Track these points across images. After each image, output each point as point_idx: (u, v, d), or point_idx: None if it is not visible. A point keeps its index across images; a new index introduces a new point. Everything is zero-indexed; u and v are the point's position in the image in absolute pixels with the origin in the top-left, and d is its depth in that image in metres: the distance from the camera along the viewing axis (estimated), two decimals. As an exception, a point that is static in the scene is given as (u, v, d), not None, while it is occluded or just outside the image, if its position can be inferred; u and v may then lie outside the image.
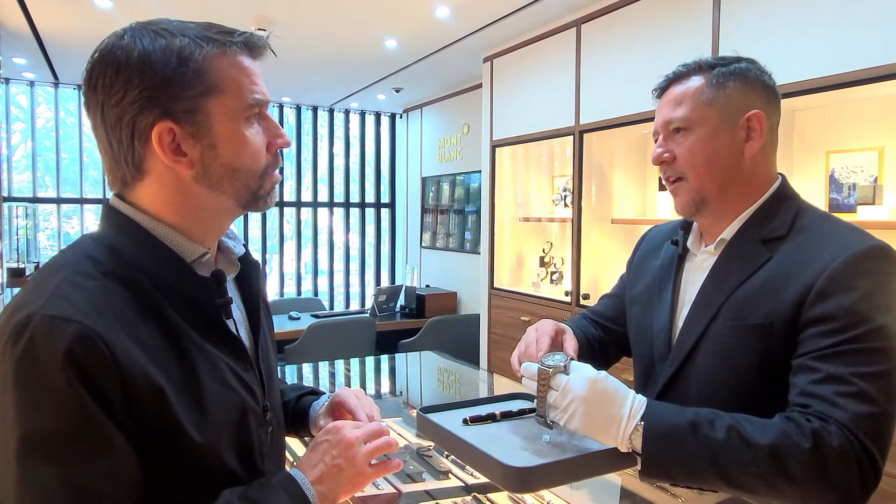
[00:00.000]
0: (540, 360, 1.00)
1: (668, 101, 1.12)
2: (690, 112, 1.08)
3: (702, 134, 1.07)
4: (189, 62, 0.74)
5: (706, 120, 1.07)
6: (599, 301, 1.45)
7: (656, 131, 1.15)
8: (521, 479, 0.91)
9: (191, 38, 0.75)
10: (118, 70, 0.73)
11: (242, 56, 0.79)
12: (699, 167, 1.08)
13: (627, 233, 3.49)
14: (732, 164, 1.07)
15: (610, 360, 1.37)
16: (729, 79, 1.08)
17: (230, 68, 0.77)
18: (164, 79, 0.73)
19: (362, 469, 0.83)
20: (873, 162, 2.39)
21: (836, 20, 2.27)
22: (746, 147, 1.07)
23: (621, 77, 3.22)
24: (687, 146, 1.09)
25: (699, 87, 1.09)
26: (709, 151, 1.07)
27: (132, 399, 0.68)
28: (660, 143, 1.13)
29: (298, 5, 3.52)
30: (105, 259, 0.74)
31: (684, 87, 1.10)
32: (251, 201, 0.82)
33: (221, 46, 0.76)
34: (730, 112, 1.07)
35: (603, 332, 1.36)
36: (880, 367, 0.90)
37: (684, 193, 1.11)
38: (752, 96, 1.07)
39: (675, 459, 0.89)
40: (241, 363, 0.82)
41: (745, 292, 1.04)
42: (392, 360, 2.78)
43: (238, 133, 0.78)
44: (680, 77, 1.13)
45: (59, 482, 0.63)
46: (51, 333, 0.64)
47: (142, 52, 0.73)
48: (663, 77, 1.16)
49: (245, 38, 0.79)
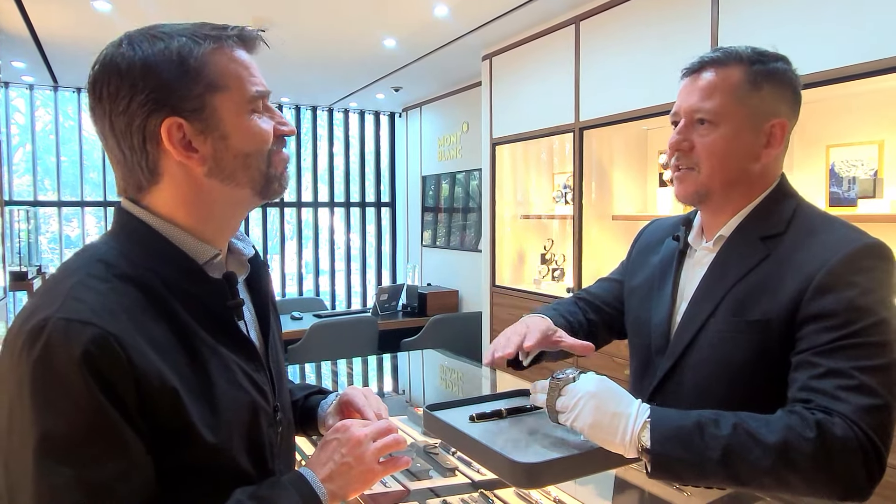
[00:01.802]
0: (551, 375, 1.01)
1: (700, 88, 1.07)
2: (721, 107, 1.05)
3: (726, 132, 1.05)
4: (189, 60, 0.75)
5: (734, 118, 1.05)
6: (597, 283, 1.44)
7: (677, 113, 1.11)
8: (528, 475, 0.92)
9: (188, 38, 0.76)
10: (122, 77, 0.73)
11: (238, 50, 0.80)
12: (715, 164, 1.07)
13: (628, 229, 3.50)
14: (746, 166, 1.07)
15: (598, 342, 1.34)
16: (765, 80, 1.05)
17: (229, 63, 0.78)
18: (167, 80, 0.74)
19: (371, 467, 0.84)
20: (873, 155, 2.39)
21: (835, 14, 2.27)
22: (764, 153, 1.07)
23: (621, 74, 3.23)
24: (709, 141, 1.06)
25: (735, 81, 1.05)
26: (730, 150, 1.06)
27: (146, 400, 0.68)
28: (679, 130, 1.09)
29: (297, 5, 3.53)
30: (117, 262, 0.75)
31: (719, 77, 1.06)
32: (265, 185, 0.82)
33: (217, 41, 0.78)
34: (758, 115, 1.05)
35: (595, 314, 1.35)
36: (881, 361, 0.91)
37: (691, 184, 1.10)
38: (780, 102, 1.06)
39: (683, 459, 0.89)
40: (252, 364, 0.83)
41: (743, 288, 1.04)
42: (395, 358, 2.79)
43: (245, 123, 0.79)
44: (717, 63, 1.07)
45: (75, 482, 0.64)
46: (67, 336, 0.65)
47: (143, 57, 0.74)
48: (696, 57, 1.10)
49: (238, 31, 0.80)
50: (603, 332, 1.35)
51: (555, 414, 0.98)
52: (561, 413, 0.97)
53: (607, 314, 1.36)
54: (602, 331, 1.35)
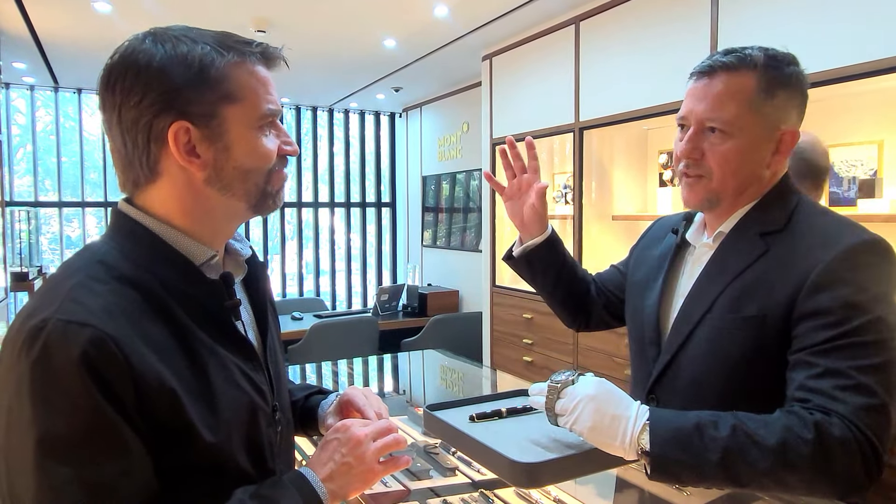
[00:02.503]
0: (549, 377, 1.01)
1: (712, 95, 1.04)
2: (735, 117, 1.02)
3: (740, 142, 1.03)
4: (211, 69, 0.76)
5: (748, 129, 1.03)
6: (607, 269, 1.50)
7: (685, 118, 1.08)
8: (528, 475, 0.92)
9: (212, 46, 0.77)
10: (138, 73, 0.74)
11: (259, 66, 0.81)
12: (727, 173, 1.05)
13: (628, 229, 3.50)
14: (756, 173, 1.07)
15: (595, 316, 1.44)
16: (779, 87, 1.03)
17: (248, 77, 0.79)
18: (182, 84, 0.74)
19: (371, 466, 0.84)
20: (873, 155, 2.40)
21: (835, 14, 2.27)
22: (773, 160, 1.06)
23: (621, 74, 3.23)
24: (722, 150, 1.04)
25: (749, 90, 1.02)
26: (743, 160, 1.04)
27: (145, 400, 0.69)
28: (689, 138, 1.07)
29: (297, 6, 3.53)
30: (116, 263, 0.75)
31: (732, 85, 1.03)
32: (260, 201, 0.83)
33: (241, 56, 0.79)
34: (770, 124, 1.04)
35: (597, 294, 1.44)
36: (878, 360, 0.91)
37: (701, 191, 1.09)
38: (791, 109, 1.05)
39: (682, 461, 0.89)
40: (250, 364, 0.83)
41: (740, 284, 1.04)
42: (395, 358, 2.79)
43: (252, 138, 0.80)
44: (729, 68, 1.03)
45: (75, 482, 0.65)
46: (65, 337, 0.65)
47: (164, 57, 0.74)
48: (707, 59, 1.06)
49: (262, 48, 0.81)
50: (595, 304, 1.44)
51: (554, 417, 0.98)
52: (560, 416, 0.97)
53: (606, 294, 1.44)
54: (594, 302, 1.44)
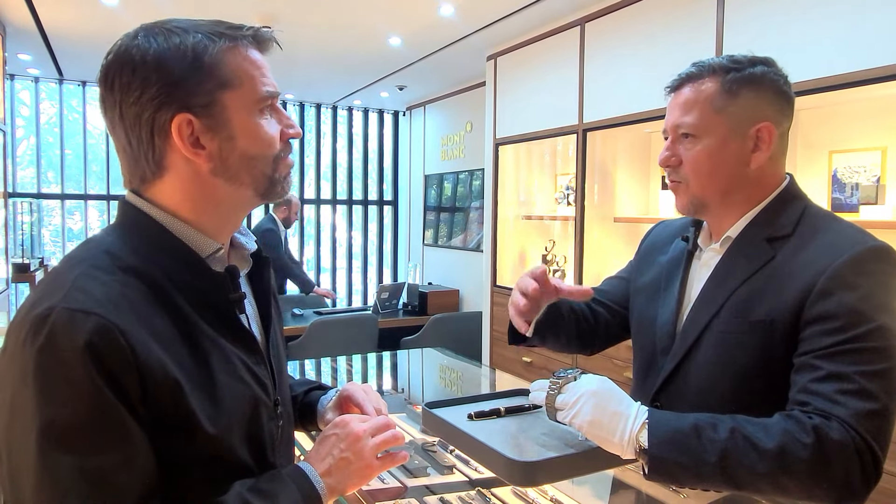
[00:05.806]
0: (552, 374, 1.01)
1: (679, 104, 1.11)
2: (699, 120, 1.07)
3: (709, 143, 1.07)
4: (204, 57, 0.76)
5: (715, 129, 1.07)
6: (605, 281, 1.44)
7: (664, 130, 1.15)
8: (525, 473, 0.92)
9: (203, 35, 0.77)
10: (134, 69, 0.74)
11: (252, 50, 0.81)
12: (702, 176, 1.09)
13: (630, 231, 3.50)
14: (737, 173, 1.08)
15: (602, 337, 1.35)
16: (742, 86, 1.06)
17: (242, 62, 0.79)
18: (180, 75, 0.75)
19: (370, 462, 0.85)
20: (876, 161, 2.39)
21: (840, 20, 2.27)
22: (753, 157, 1.07)
23: (625, 76, 3.23)
24: (693, 154, 1.09)
25: (711, 93, 1.07)
26: (715, 161, 1.07)
27: (149, 390, 0.69)
28: (668, 146, 1.13)
29: (303, 3, 3.53)
30: (121, 254, 0.75)
31: (696, 91, 1.09)
32: (268, 188, 0.83)
33: (233, 41, 0.79)
34: (740, 122, 1.06)
35: (601, 308, 1.35)
36: (881, 366, 0.91)
37: (684, 196, 1.13)
38: (763, 105, 1.07)
39: (680, 462, 0.90)
40: (253, 357, 0.83)
41: (747, 290, 1.05)
42: (394, 356, 2.79)
43: (253, 124, 0.80)
44: (693, 78, 1.10)
45: (77, 471, 0.65)
46: (71, 326, 0.65)
47: (157, 50, 0.75)
48: (676, 75, 1.13)
49: (253, 32, 0.81)
50: (607, 327, 1.35)
51: (553, 412, 0.98)
52: (560, 410, 0.97)
53: (613, 310, 1.36)
54: (607, 326, 1.35)
